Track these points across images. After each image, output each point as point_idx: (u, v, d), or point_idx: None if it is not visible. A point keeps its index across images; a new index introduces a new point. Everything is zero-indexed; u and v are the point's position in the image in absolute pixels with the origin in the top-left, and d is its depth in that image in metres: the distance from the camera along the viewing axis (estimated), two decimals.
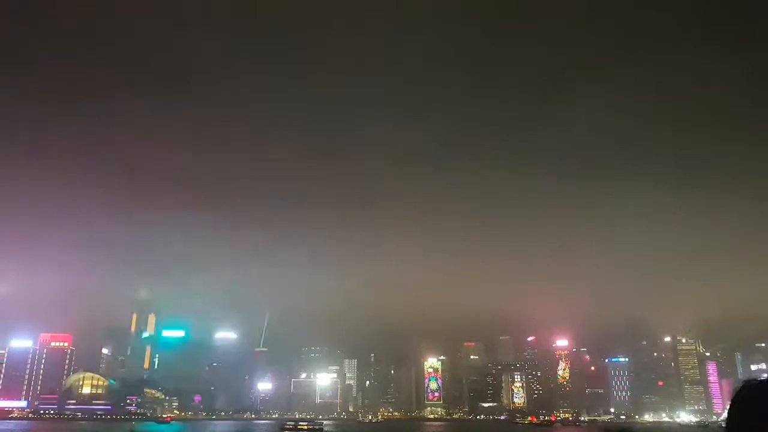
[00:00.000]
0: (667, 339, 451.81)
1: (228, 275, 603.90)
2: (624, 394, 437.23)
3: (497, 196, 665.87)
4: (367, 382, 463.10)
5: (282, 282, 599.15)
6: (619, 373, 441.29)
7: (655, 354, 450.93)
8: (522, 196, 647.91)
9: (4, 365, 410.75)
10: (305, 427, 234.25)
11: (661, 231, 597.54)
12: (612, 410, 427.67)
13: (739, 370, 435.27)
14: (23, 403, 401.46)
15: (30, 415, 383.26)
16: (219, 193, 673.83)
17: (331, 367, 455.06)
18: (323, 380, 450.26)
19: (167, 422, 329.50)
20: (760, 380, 3.39)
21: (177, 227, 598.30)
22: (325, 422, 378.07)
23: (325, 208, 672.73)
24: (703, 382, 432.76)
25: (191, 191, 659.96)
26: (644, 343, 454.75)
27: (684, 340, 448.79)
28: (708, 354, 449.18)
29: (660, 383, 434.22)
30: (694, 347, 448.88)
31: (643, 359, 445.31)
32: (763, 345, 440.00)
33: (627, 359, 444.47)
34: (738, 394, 3.46)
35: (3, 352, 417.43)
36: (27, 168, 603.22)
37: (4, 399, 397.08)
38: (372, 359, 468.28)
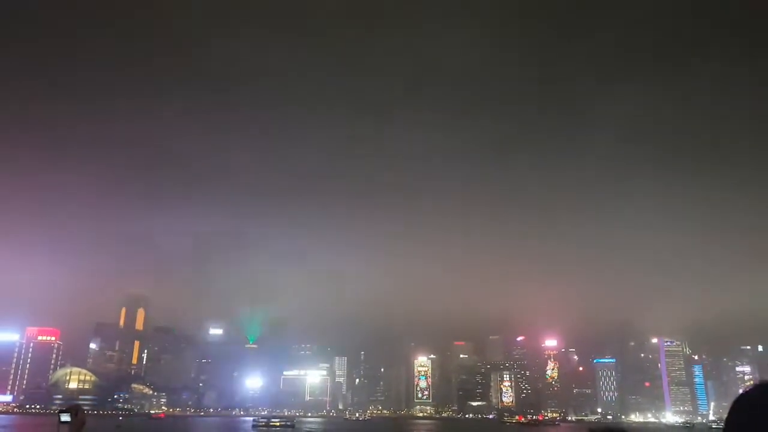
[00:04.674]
0: (654, 340, 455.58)
1: (218, 272, 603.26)
2: (611, 394, 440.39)
3: (489, 200, 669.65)
4: (357, 380, 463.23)
5: (273, 280, 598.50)
6: (607, 373, 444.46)
7: (642, 355, 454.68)
8: (514, 200, 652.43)
9: None
10: (277, 424, 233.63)
11: (650, 235, 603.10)
12: (599, 410, 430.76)
13: (725, 372, 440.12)
14: (8, 398, 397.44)
15: (15, 409, 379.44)
16: (212, 191, 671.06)
17: (321, 365, 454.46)
18: (313, 378, 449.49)
19: (160, 418, 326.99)
20: (757, 386, 3.37)
21: (168, 224, 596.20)
22: (313, 419, 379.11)
23: (317, 208, 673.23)
24: (689, 383, 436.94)
25: (184, 188, 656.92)
26: (632, 344, 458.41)
27: (671, 342, 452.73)
28: (694, 356, 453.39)
29: (647, 384, 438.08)
30: (680, 349, 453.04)
31: (630, 360, 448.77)
32: (749, 348, 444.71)
33: (614, 360, 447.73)
34: (736, 403, 3.39)
35: None
36: (20, 163, 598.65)
37: None
38: (362, 357, 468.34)
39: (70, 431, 11.87)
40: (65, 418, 12.01)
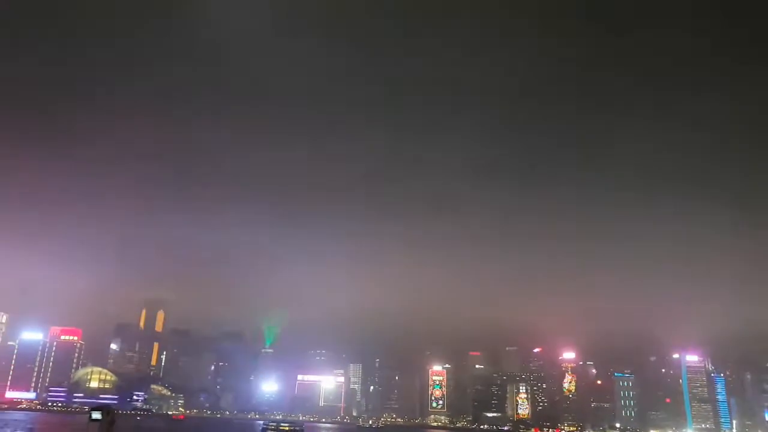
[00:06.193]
0: (676, 356, 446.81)
1: (237, 276, 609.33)
2: (630, 409, 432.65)
3: (508, 208, 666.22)
4: (371, 387, 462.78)
5: (290, 285, 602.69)
6: (626, 387, 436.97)
7: (663, 370, 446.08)
8: (532, 209, 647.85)
9: (14, 357, 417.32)
10: (286, 428, 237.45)
11: (673, 247, 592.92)
12: (617, 425, 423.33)
13: (749, 389, 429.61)
14: (32, 395, 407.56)
15: (38, 406, 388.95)
16: (235, 197, 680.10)
17: (335, 371, 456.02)
18: (327, 383, 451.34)
19: (180, 420, 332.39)
20: None
21: (189, 227, 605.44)
22: (326, 425, 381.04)
23: (333, 214, 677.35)
24: (711, 400, 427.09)
25: (207, 194, 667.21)
26: (652, 358, 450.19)
27: (693, 358, 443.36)
28: (717, 372, 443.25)
29: (667, 400, 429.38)
30: (703, 365, 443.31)
31: (651, 375, 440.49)
32: None
33: (634, 374, 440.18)
34: None
35: (14, 344, 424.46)
36: (48, 168, 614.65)
37: (13, 390, 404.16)
38: (377, 365, 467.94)
39: (100, 429, 13.39)
40: (96, 416, 13.49)
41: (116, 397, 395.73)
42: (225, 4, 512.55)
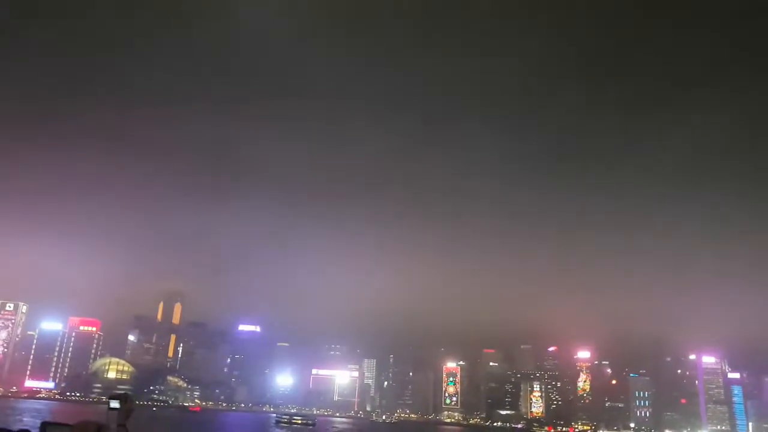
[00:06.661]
0: (692, 357, 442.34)
1: (254, 270, 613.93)
2: (644, 410, 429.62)
3: (524, 208, 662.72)
4: (386, 383, 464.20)
5: (307, 280, 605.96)
6: (641, 387, 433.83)
7: (679, 371, 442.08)
8: (549, 210, 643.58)
9: (34, 347, 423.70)
10: (299, 422, 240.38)
11: (691, 247, 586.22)
12: (632, 425, 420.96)
13: (766, 392, 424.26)
14: (50, 384, 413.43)
15: (56, 396, 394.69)
16: (253, 191, 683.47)
17: (350, 366, 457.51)
18: (342, 378, 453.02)
19: (196, 412, 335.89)
20: None
21: (208, 223, 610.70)
22: (340, 419, 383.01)
23: (357, 213, 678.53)
24: (727, 402, 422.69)
25: (226, 188, 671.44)
26: (668, 359, 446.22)
27: (710, 359, 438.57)
28: (734, 374, 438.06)
29: (683, 401, 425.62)
30: (719, 366, 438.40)
31: (667, 376, 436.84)
32: None
33: (649, 375, 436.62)
34: None
35: (33, 333, 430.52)
36: (69, 161, 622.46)
37: (32, 379, 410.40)
38: (391, 360, 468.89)
39: (118, 417, 13.23)
40: (114, 404, 13.27)
41: (133, 387, 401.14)
42: (230, 4, 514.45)
